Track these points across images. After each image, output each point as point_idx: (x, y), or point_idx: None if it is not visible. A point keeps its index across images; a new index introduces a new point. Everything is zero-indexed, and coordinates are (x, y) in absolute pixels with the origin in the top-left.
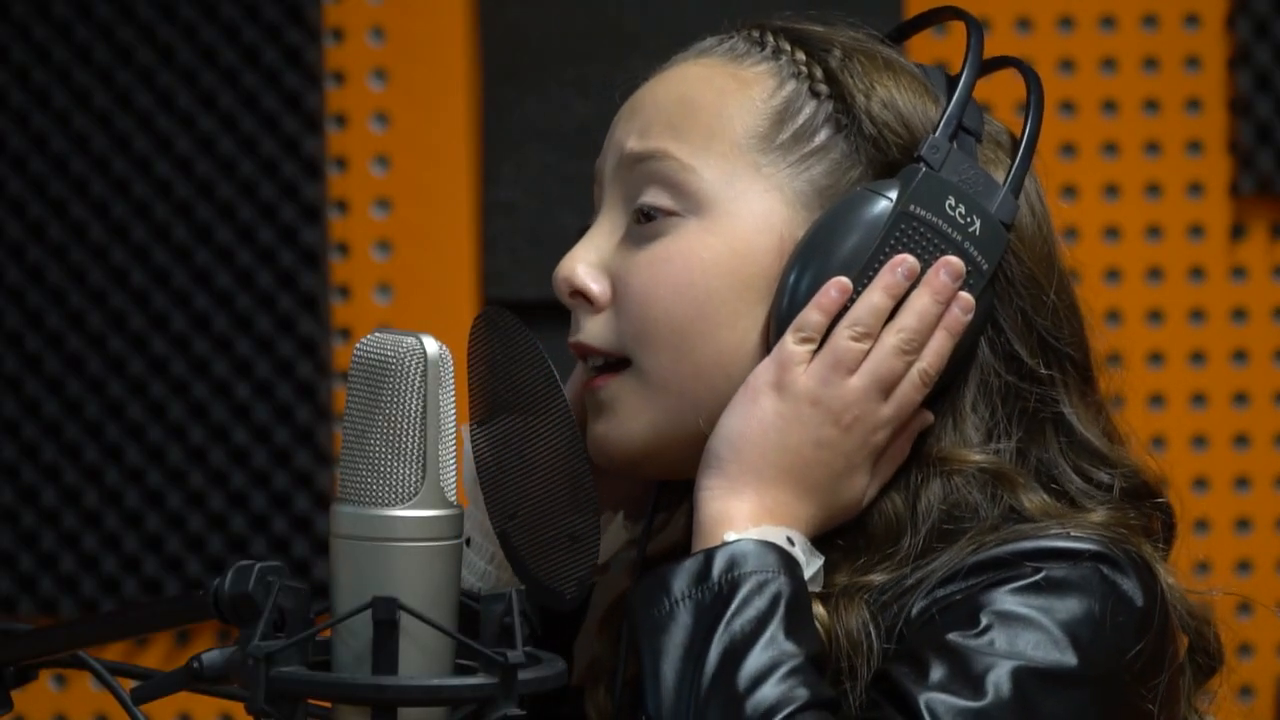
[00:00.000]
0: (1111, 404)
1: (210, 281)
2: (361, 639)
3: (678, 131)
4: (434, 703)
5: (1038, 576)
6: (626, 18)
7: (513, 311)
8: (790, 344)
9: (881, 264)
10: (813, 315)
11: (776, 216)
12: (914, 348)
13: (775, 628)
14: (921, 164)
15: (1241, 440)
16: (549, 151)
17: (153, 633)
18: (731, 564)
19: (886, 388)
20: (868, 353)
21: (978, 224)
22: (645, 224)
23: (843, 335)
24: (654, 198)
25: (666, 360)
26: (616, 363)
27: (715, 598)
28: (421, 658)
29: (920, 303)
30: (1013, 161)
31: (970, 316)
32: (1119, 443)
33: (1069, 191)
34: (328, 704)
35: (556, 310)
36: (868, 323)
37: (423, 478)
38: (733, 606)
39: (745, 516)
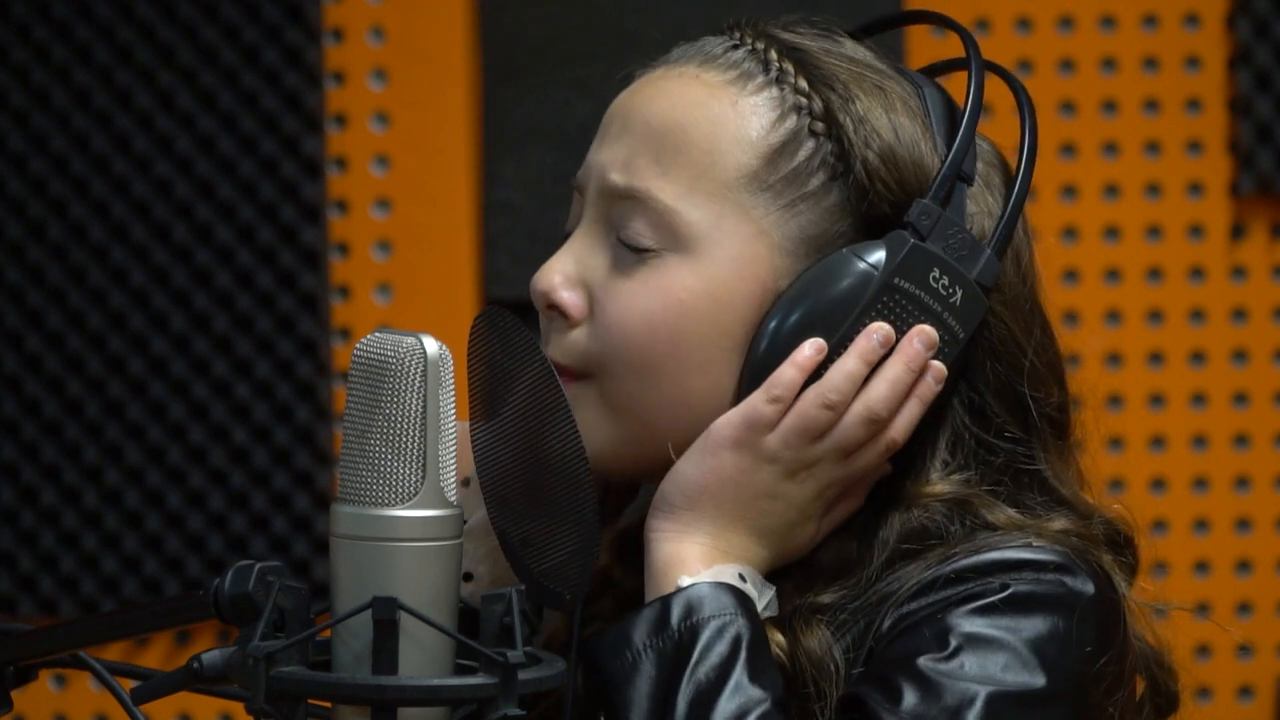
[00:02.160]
0: (1109, 406)
1: (210, 281)
2: (361, 639)
3: (664, 168)
4: (434, 703)
5: (1004, 594)
6: (626, 18)
7: (513, 311)
8: (760, 404)
9: (860, 332)
10: (788, 373)
11: (761, 264)
12: (882, 419)
13: (739, 673)
14: (910, 230)
15: (1241, 440)
16: (549, 151)
17: (153, 633)
18: (689, 610)
19: (849, 453)
20: (838, 420)
21: (959, 295)
22: (628, 251)
23: (813, 402)
24: (637, 232)
25: (631, 393)
26: (581, 374)
27: (676, 646)
28: (421, 658)
29: (893, 371)
30: (1004, 208)
31: (941, 386)
32: (1088, 491)
33: (1069, 191)
34: (328, 704)
35: None
36: (842, 390)
37: (423, 478)
38: (695, 654)
39: (697, 558)
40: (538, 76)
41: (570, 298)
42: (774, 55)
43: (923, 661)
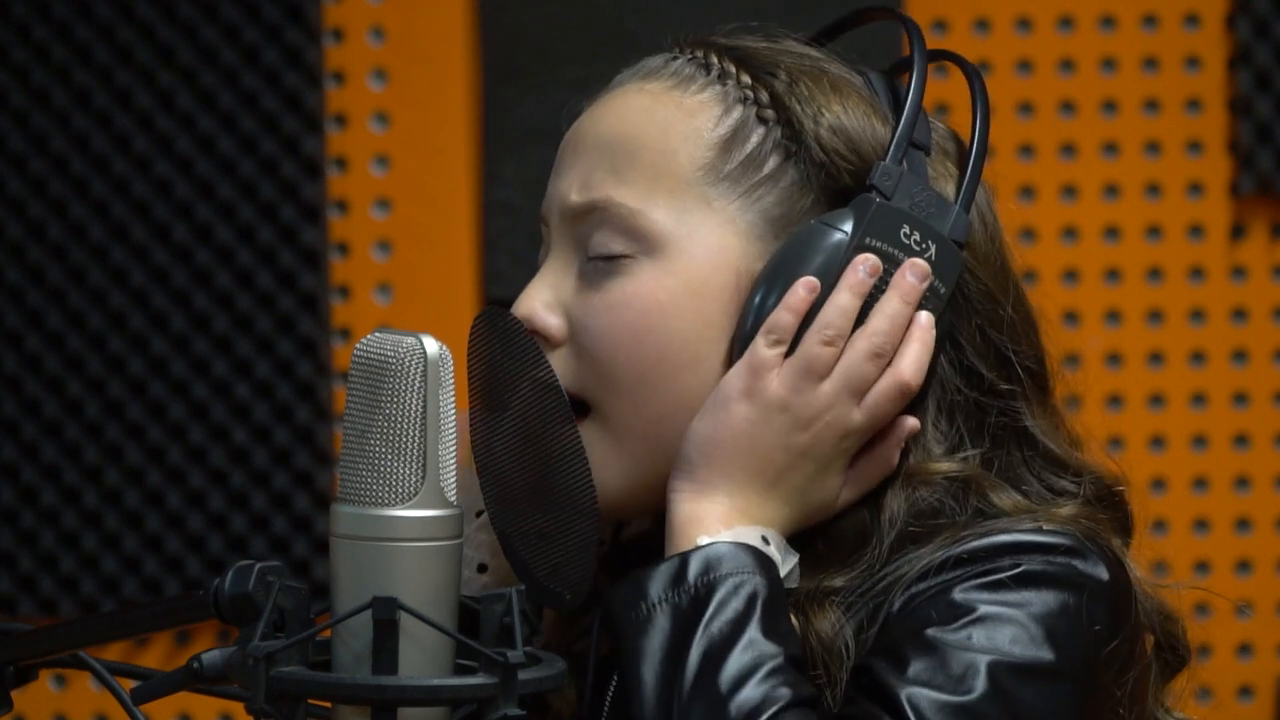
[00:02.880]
0: (1109, 406)
1: (210, 281)
2: (361, 639)
3: (621, 176)
4: (434, 703)
5: (1014, 571)
6: (626, 18)
7: (512, 311)
8: (762, 348)
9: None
10: (783, 316)
11: (732, 252)
12: (885, 351)
13: (753, 629)
14: (874, 193)
15: (1241, 440)
16: (549, 151)
17: (153, 633)
18: (707, 567)
19: (859, 392)
20: (839, 356)
21: (933, 249)
22: (600, 264)
23: (813, 340)
24: (605, 241)
25: (630, 406)
26: (577, 406)
27: (692, 600)
28: (421, 658)
29: (890, 306)
30: (962, 173)
31: (934, 333)
32: (1078, 447)
33: (1069, 192)
34: (328, 704)
35: None
36: (838, 325)
37: (423, 478)
38: (710, 609)
39: (717, 518)
40: (538, 76)
41: (550, 321)
42: (714, 58)
43: (930, 632)
